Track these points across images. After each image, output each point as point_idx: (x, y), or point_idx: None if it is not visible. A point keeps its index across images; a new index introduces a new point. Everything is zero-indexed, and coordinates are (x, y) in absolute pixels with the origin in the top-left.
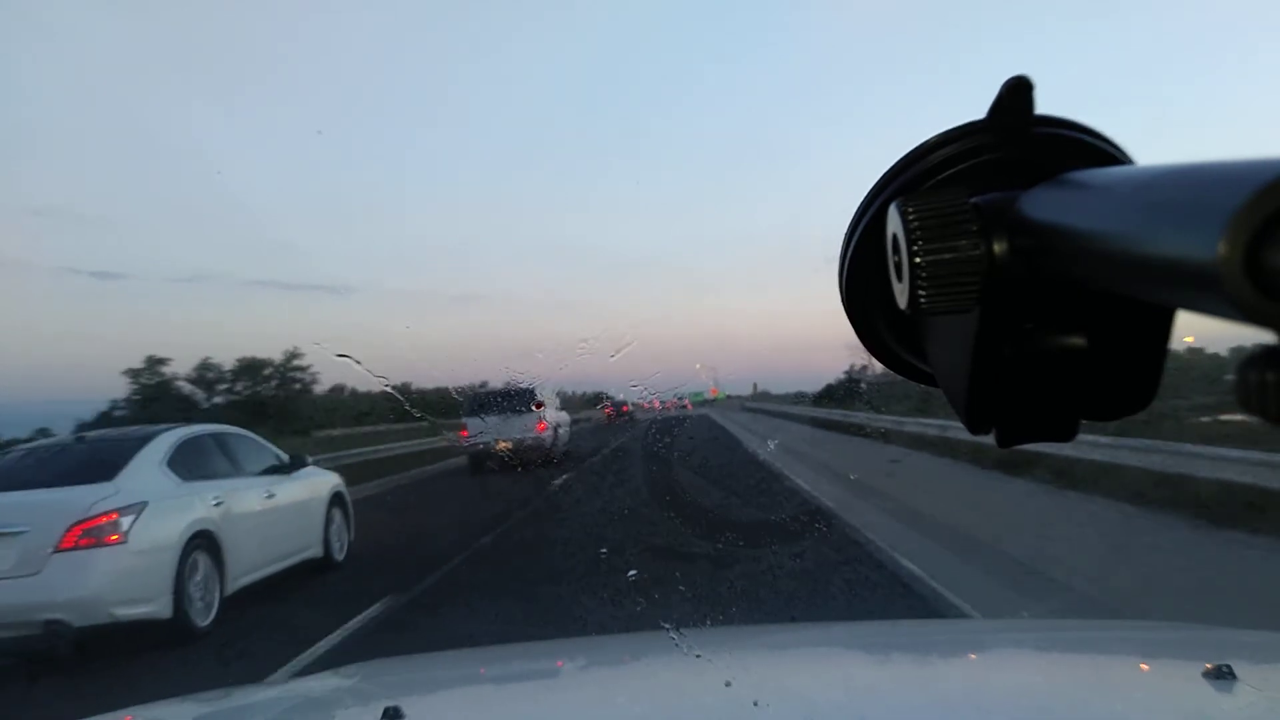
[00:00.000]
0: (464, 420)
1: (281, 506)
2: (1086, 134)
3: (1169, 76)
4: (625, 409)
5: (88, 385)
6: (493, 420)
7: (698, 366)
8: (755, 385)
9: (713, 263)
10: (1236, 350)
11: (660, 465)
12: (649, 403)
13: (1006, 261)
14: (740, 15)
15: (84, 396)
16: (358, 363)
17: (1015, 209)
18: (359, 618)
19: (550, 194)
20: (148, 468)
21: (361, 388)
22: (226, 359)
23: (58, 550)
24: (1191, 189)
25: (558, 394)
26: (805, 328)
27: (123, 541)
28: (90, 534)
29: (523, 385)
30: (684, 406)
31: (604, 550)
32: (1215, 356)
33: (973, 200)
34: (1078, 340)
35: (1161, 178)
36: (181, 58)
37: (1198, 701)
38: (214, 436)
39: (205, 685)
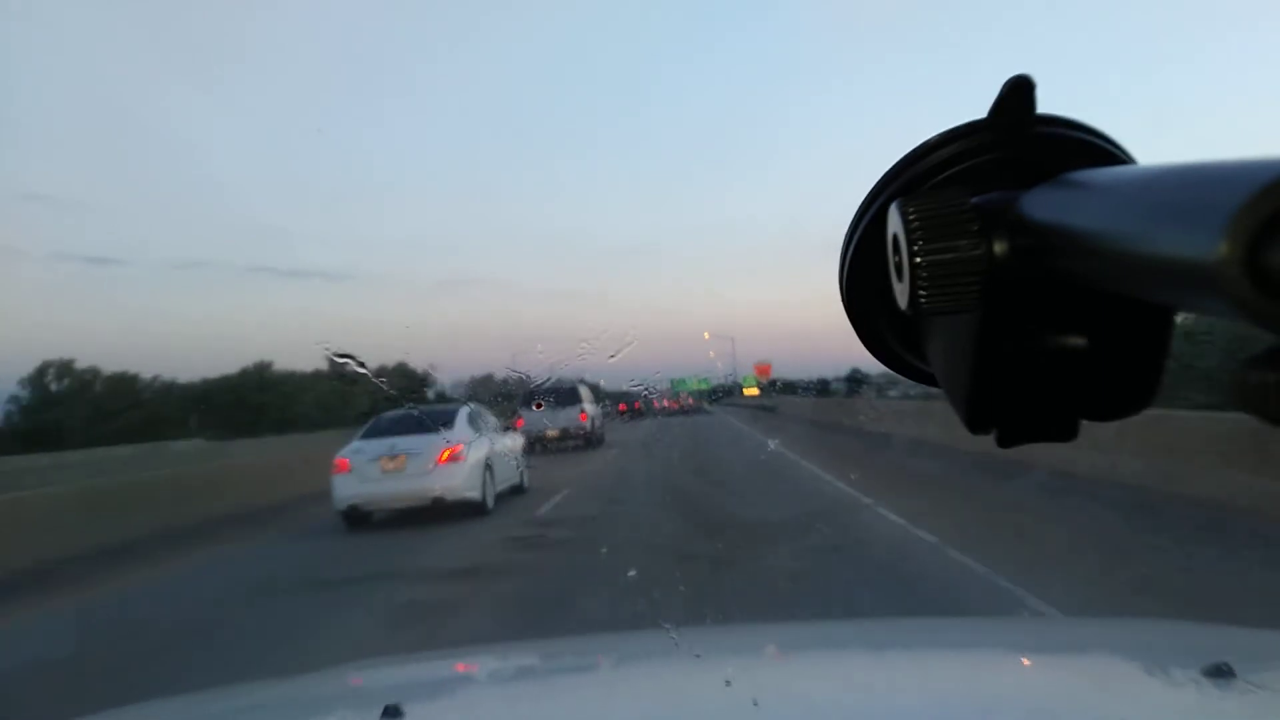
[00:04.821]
0: (519, 411)
1: (506, 451)
2: (1088, 133)
3: (1169, 76)
4: (637, 406)
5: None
6: (543, 411)
7: (705, 335)
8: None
9: (718, 253)
10: None
11: None
12: (657, 401)
13: (1007, 261)
14: (745, 12)
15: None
16: (361, 365)
17: (1016, 209)
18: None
19: (552, 186)
20: (464, 424)
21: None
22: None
23: (437, 464)
24: (1192, 189)
25: (591, 388)
26: (820, 315)
27: (465, 460)
28: (452, 456)
29: (567, 384)
30: (689, 405)
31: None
32: None
33: (974, 200)
34: (1078, 340)
35: (1162, 178)
36: (178, 45)
37: (1198, 701)
38: (477, 410)
39: (204, 685)
